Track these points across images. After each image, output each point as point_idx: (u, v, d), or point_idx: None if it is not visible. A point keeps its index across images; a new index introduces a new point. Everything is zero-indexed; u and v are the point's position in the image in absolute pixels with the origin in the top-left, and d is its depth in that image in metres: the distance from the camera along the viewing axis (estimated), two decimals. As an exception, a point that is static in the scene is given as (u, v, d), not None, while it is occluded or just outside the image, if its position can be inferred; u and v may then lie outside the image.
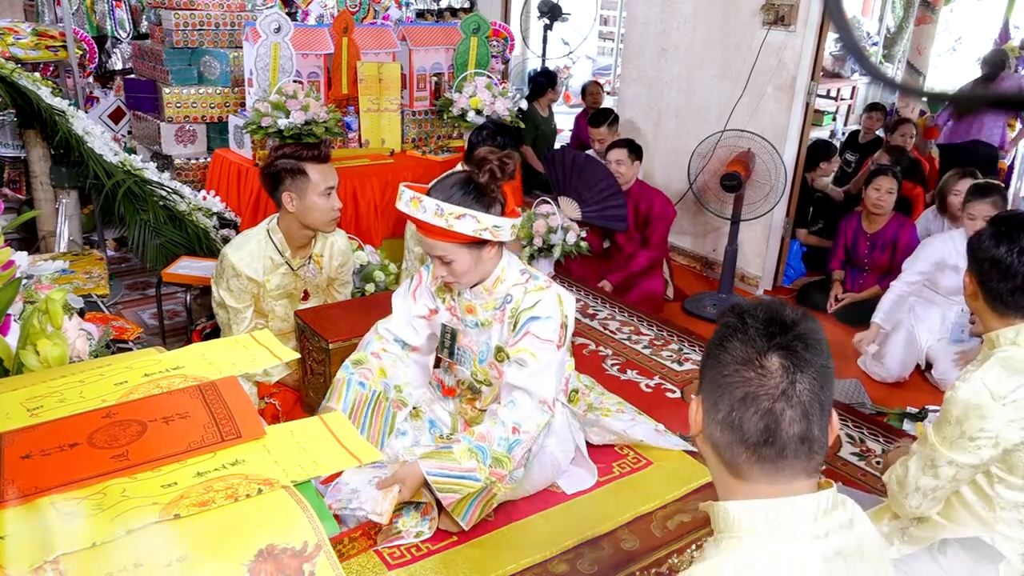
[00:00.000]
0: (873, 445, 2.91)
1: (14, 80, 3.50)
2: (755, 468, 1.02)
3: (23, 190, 4.18)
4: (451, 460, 2.00)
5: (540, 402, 2.09)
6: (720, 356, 1.04)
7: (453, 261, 2.05)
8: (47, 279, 2.19)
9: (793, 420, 1.00)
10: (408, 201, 2.01)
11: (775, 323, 1.02)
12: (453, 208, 1.97)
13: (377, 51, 4.18)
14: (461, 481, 1.99)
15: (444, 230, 1.98)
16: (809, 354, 1.01)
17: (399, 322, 2.34)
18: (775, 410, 0.99)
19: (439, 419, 2.36)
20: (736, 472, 1.04)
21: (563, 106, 9.09)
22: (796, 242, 4.67)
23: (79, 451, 0.95)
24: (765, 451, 1.00)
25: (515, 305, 2.14)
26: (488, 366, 2.22)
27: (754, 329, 1.02)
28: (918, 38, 6.29)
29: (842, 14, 0.70)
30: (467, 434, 2.07)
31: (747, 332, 1.02)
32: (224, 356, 1.19)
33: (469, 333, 2.23)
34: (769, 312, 1.04)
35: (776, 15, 4.11)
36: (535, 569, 2.05)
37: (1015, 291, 1.68)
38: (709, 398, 1.05)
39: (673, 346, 3.61)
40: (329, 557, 0.82)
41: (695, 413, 1.09)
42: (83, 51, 4.99)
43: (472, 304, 2.21)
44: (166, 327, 3.46)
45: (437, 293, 2.29)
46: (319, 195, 2.55)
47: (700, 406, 1.08)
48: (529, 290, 2.14)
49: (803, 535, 0.99)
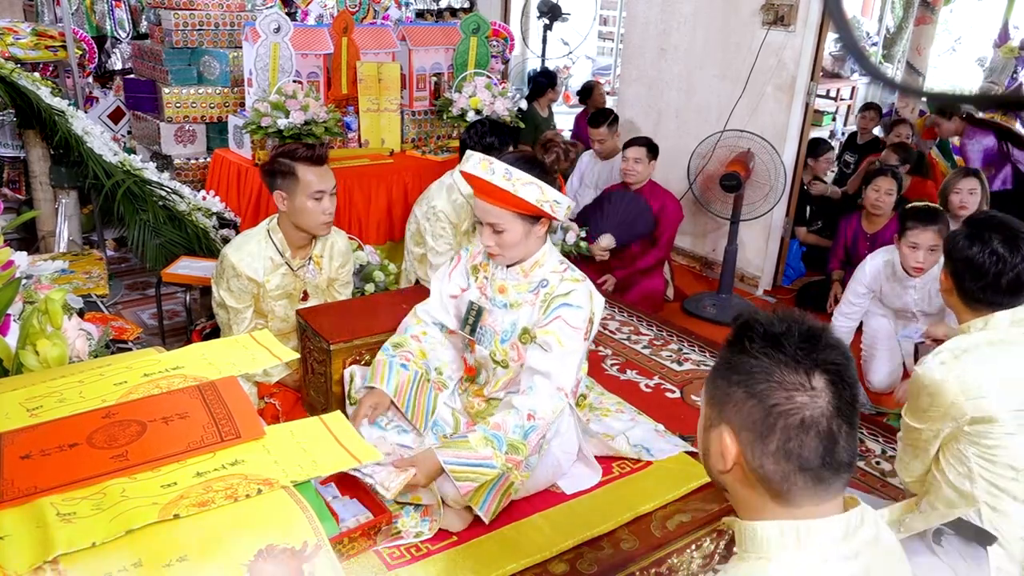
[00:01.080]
0: (873, 445, 2.91)
1: (14, 80, 3.50)
2: (807, 492, 0.98)
3: (23, 190, 4.18)
4: (467, 448, 2.01)
5: (557, 388, 2.10)
6: (759, 389, 0.98)
7: (505, 231, 2.10)
8: (47, 279, 2.19)
9: (848, 436, 0.98)
10: (477, 163, 2.07)
11: (810, 338, 0.99)
12: (521, 174, 2.04)
13: (377, 51, 4.18)
14: (477, 469, 2.00)
15: (509, 194, 2.04)
16: (844, 362, 0.99)
17: (436, 304, 2.37)
18: (833, 429, 0.96)
19: (441, 417, 2.36)
20: (782, 498, 0.99)
21: (563, 106, 9.09)
22: (796, 242, 4.68)
23: (79, 451, 0.95)
24: (824, 473, 0.97)
25: (549, 290, 2.18)
26: (510, 346, 2.24)
27: (793, 349, 0.98)
28: (918, 38, 6.29)
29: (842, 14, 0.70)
30: (483, 424, 2.08)
31: (787, 354, 0.98)
32: (224, 356, 1.19)
33: (495, 313, 2.25)
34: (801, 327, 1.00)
35: (776, 15, 4.11)
36: (535, 569, 2.05)
37: (986, 288, 1.83)
38: (751, 431, 0.99)
39: (673, 346, 3.61)
40: (329, 557, 0.82)
41: (728, 448, 1.01)
42: (83, 51, 4.99)
43: (505, 284, 2.24)
44: (166, 327, 3.46)
45: (472, 271, 2.32)
46: (308, 197, 2.52)
47: (734, 440, 1.01)
48: (565, 279, 2.19)
49: (833, 555, 0.97)
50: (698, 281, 4.66)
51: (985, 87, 6.79)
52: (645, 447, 2.46)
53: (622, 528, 2.19)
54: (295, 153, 2.55)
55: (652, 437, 2.55)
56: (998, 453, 1.76)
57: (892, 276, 3.22)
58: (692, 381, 3.32)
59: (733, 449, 1.01)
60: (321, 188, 2.54)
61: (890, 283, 3.25)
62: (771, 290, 4.51)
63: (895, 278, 3.21)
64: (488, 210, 2.10)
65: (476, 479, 2.01)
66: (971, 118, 5.01)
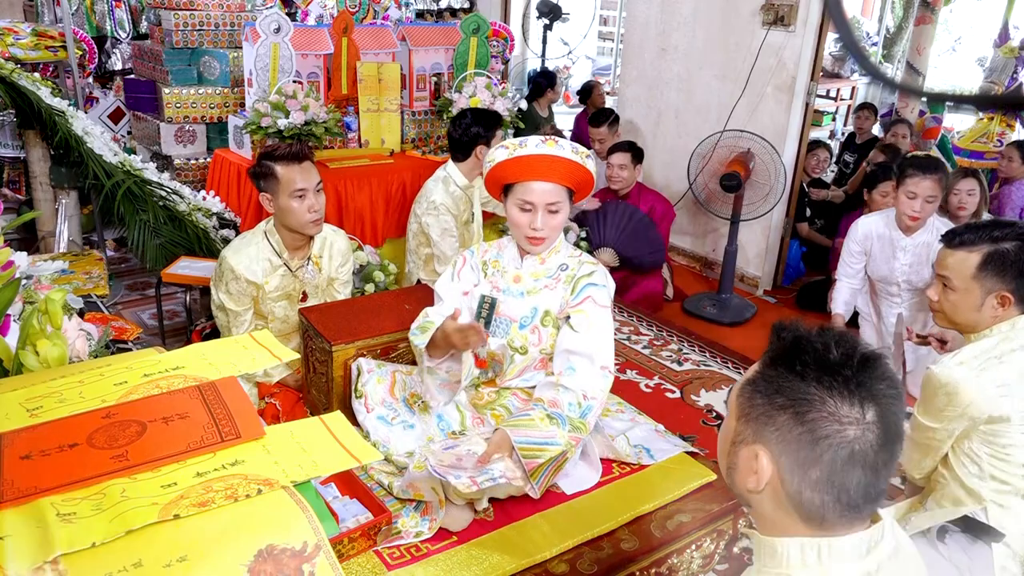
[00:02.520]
0: (873, 445, 2.91)
1: (14, 80, 3.50)
2: (841, 519, 0.96)
3: (23, 190, 4.18)
4: (533, 427, 2.05)
5: (601, 367, 2.14)
6: (807, 415, 0.94)
7: (560, 210, 2.16)
8: (47, 279, 2.19)
9: (888, 468, 0.96)
10: (541, 142, 2.10)
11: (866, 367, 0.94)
12: (582, 148, 2.12)
13: (377, 51, 4.18)
14: (543, 446, 2.03)
15: (579, 167, 2.11)
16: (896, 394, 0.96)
17: (451, 305, 2.34)
18: (878, 463, 0.94)
19: (446, 413, 2.36)
20: (814, 522, 0.97)
21: (563, 106, 9.09)
22: (796, 242, 4.68)
23: (79, 451, 0.95)
24: (864, 505, 0.96)
25: (571, 272, 2.24)
26: (530, 331, 2.26)
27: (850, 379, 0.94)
28: (918, 38, 6.28)
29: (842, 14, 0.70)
30: (537, 402, 2.11)
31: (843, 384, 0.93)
32: (224, 356, 1.19)
33: (510, 302, 2.27)
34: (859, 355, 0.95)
35: (776, 15, 4.11)
36: (535, 569, 2.05)
37: None
38: (793, 458, 0.95)
39: (672, 346, 3.61)
40: (328, 557, 0.82)
41: (764, 471, 0.98)
42: (83, 51, 4.99)
43: (520, 274, 2.27)
44: (166, 327, 3.46)
45: (482, 267, 2.34)
46: (290, 197, 2.50)
47: (771, 463, 0.97)
48: (584, 261, 2.25)
49: (853, 571, 0.96)
50: (698, 281, 4.65)
51: (985, 87, 6.79)
52: (645, 447, 2.46)
53: (622, 528, 2.19)
54: (274, 153, 2.53)
55: (652, 437, 2.55)
56: (1012, 452, 1.78)
57: (884, 236, 3.29)
58: (692, 381, 3.33)
59: (769, 471, 0.97)
60: (302, 186, 2.51)
61: (880, 243, 3.31)
62: (771, 290, 4.51)
63: (887, 239, 3.28)
64: (548, 190, 2.13)
65: (540, 456, 2.05)
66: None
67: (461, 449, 2.03)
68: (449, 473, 1.89)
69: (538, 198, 2.13)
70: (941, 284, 1.96)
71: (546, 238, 2.19)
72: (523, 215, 2.17)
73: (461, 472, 1.91)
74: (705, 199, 4.11)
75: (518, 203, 2.16)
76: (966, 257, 1.89)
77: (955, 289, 1.91)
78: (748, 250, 4.47)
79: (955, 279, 1.90)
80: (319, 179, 2.58)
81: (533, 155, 2.10)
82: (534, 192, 2.13)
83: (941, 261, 1.96)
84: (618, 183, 4.07)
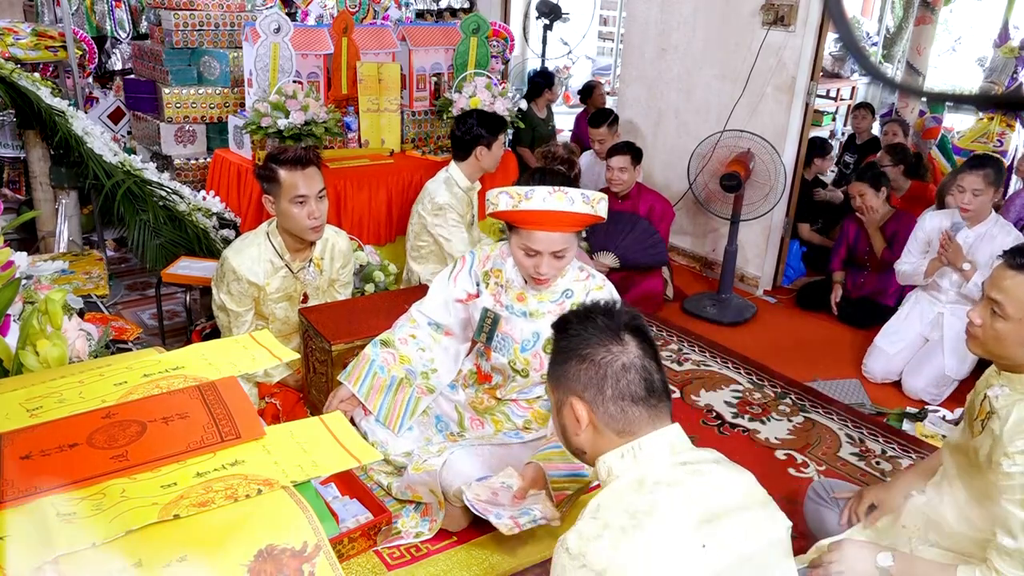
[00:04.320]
0: (873, 445, 2.91)
1: (14, 80, 3.50)
2: (643, 420, 1.25)
3: (23, 190, 4.18)
4: (563, 459, 2.01)
5: None
6: (585, 353, 1.26)
7: (566, 255, 2.10)
8: (47, 279, 2.19)
9: (657, 369, 1.27)
10: (549, 195, 1.98)
11: (609, 311, 1.30)
12: (594, 194, 2.04)
13: (377, 51, 4.18)
14: (573, 478, 2.02)
15: (589, 216, 2.02)
16: (639, 318, 1.31)
17: (434, 303, 2.35)
18: (646, 366, 1.25)
19: (445, 413, 2.36)
20: (626, 432, 1.25)
21: (563, 106, 9.08)
22: (796, 242, 4.67)
23: (79, 451, 0.95)
24: (651, 399, 1.25)
25: (575, 300, 2.18)
26: (531, 355, 2.23)
27: (602, 320, 1.28)
28: (918, 38, 6.28)
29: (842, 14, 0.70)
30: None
31: (598, 325, 1.28)
32: (224, 356, 1.19)
33: (513, 321, 2.23)
34: (601, 306, 1.32)
35: (776, 15, 4.11)
36: (535, 569, 2.05)
37: None
38: (592, 387, 1.25)
39: (673, 346, 3.61)
40: (328, 557, 0.82)
41: (580, 411, 1.26)
42: (83, 51, 4.99)
43: (524, 293, 2.22)
44: (166, 327, 3.46)
45: (483, 277, 2.29)
46: (290, 202, 2.49)
47: (582, 403, 1.26)
48: (591, 289, 2.20)
49: (667, 462, 1.23)
50: (698, 281, 4.65)
51: (985, 87, 6.78)
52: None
53: (622, 528, 2.19)
54: (279, 156, 2.52)
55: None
56: None
57: (945, 223, 3.33)
58: (692, 381, 3.32)
59: (583, 409, 1.26)
60: (304, 192, 2.48)
61: (943, 228, 3.33)
62: (771, 290, 4.51)
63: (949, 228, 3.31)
64: (555, 240, 2.03)
65: (569, 488, 2.02)
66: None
67: (495, 482, 1.98)
68: (489, 512, 1.86)
69: (544, 247, 2.04)
70: (990, 308, 1.65)
71: (555, 276, 2.13)
72: (527, 259, 2.09)
73: (502, 512, 1.87)
74: (705, 199, 4.11)
75: (522, 247, 2.08)
76: None
77: (1007, 317, 1.61)
78: (748, 250, 4.47)
79: (1010, 306, 1.60)
80: (322, 186, 2.55)
81: (540, 211, 1.99)
82: (540, 241, 2.04)
83: (996, 281, 1.64)
84: (618, 185, 4.07)
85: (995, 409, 1.67)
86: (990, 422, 1.68)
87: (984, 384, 1.76)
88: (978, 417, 1.74)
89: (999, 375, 1.71)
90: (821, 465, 2.77)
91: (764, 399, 3.22)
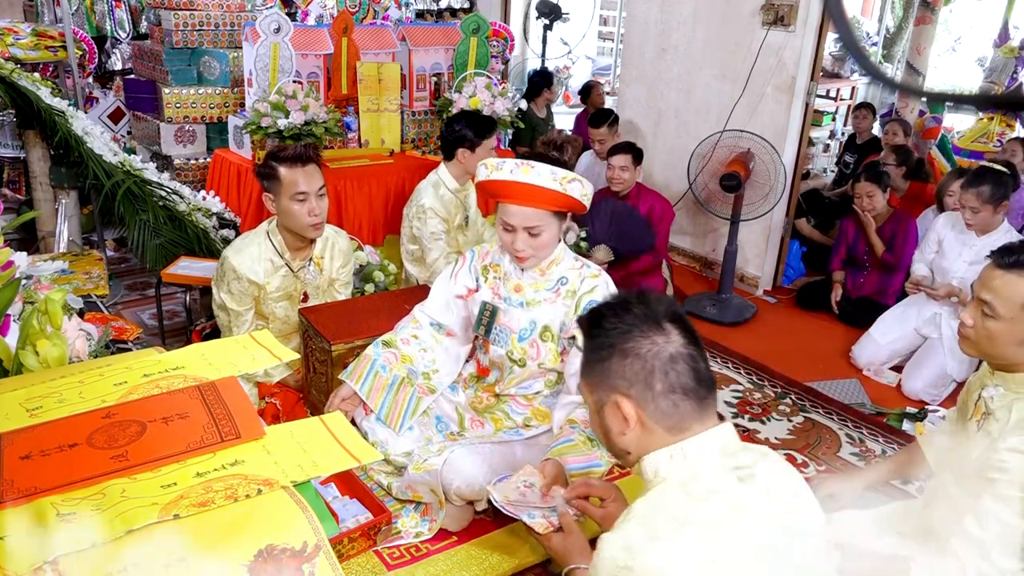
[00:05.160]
0: (873, 445, 2.91)
1: (14, 80, 3.50)
2: (694, 414, 1.18)
3: (23, 190, 4.18)
4: (578, 452, 2.02)
5: None
6: (628, 347, 1.18)
7: (543, 232, 2.10)
8: (47, 279, 2.19)
9: (703, 357, 1.20)
10: (516, 167, 2.03)
11: (643, 299, 1.22)
12: (565, 172, 2.04)
13: (377, 51, 4.17)
14: (589, 469, 2.01)
15: (558, 194, 2.03)
16: (676, 306, 1.24)
17: (436, 303, 2.36)
18: (693, 355, 1.19)
19: (445, 414, 2.36)
20: (677, 428, 1.18)
21: (563, 106, 9.08)
22: (796, 242, 4.67)
23: (79, 451, 0.94)
24: (701, 390, 1.18)
25: (571, 287, 2.19)
26: (528, 344, 2.23)
27: (640, 313, 1.20)
28: (918, 38, 6.28)
29: (842, 14, 0.70)
30: (572, 424, 2.08)
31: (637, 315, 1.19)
32: (224, 356, 1.19)
33: (511, 312, 2.24)
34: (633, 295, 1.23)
35: (776, 15, 4.11)
36: (535, 569, 2.05)
37: None
38: (639, 383, 1.18)
39: (673, 346, 3.61)
40: (328, 557, 0.82)
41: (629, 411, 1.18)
42: (83, 51, 4.99)
43: (521, 283, 2.23)
44: (166, 327, 3.46)
45: (482, 272, 2.31)
46: (291, 199, 2.50)
47: (629, 401, 1.18)
48: (585, 276, 2.20)
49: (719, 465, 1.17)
50: (698, 281, 4.65)
51: (985, 87, 6.79)
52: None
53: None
54: (279, 154, 2.53)
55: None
56: None
57: (960, 231, 3.42)
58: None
59: (630, 407, 1.19)
60: (304, 190, 2.50)
61: (955, 234, 3.44)
62: (771, 290, 4.51)
63: (962, 235, 3.41)
64: (527, 214, 2.07)
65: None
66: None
67: (517, 480, 1.97)
68: (522, 512, 1.85)
69: (517, 221, 2.09)
70: (980, 308, 1.65)
71: (530, 257, 2.15)
72: (506, 234, 2.14)
73: (535, 511, 1.87)
74: (705, 199, 4.11)
75: (502, 222, 2.13)
76: (1019, 282, 1.59)
77: (997, 316, 1.61)
78: (748, 250, 4.47)
79: (1000, 305, 1.61)
80: (322, 183, 2.56)
81: (507, 181, 2.05)
82: (513, 215, 2.09)
83: (986, 282, 1.64)
84: (619, 184, 4.07)
85: (991, 410, 1.67)
86: (986, 423, 1.67)
87: (978, 384, 1.75)
88: (972, 417, 1.73)
89: (993, 375, 1.70)
90: (821, 465, 2.77)
91: (764, 399, 3.22)
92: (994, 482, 1.57)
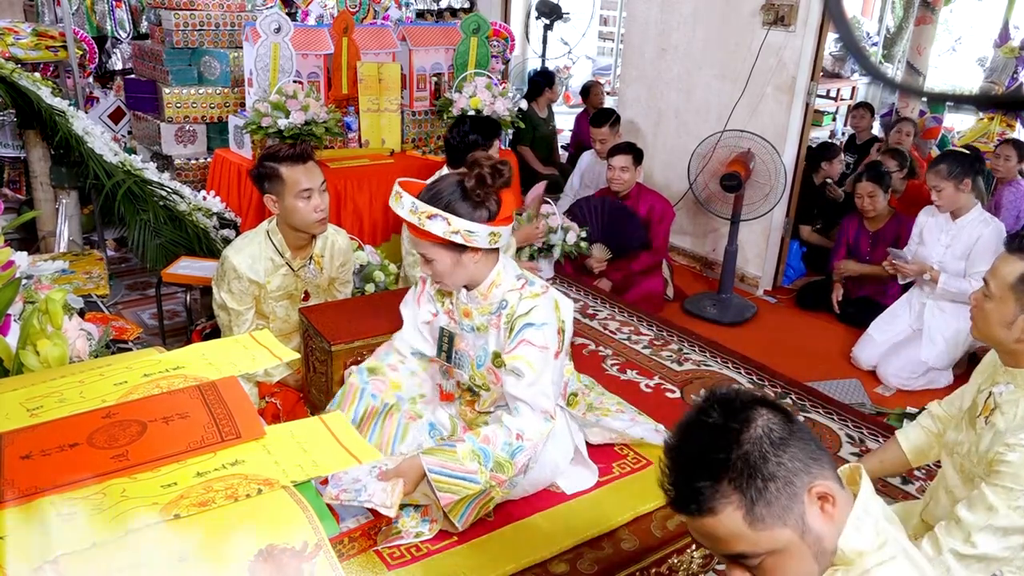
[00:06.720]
0: (873, 445, 2.91)
1: (14, 80, 3.50)
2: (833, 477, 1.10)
3: (23, 190, 4.18)
4: (454, 460, 1.99)
5: (542, 412, 2.08)
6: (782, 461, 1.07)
7: (434, 260, 2.05)
8: (47, 279, 2.19)
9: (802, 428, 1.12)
10: (393, 196, 2.03)
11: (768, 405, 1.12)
12: (426, 208, 1.96)
13: (377, 51, 4.18)
14: (461, 482, 1.98)
15: (417, 228, 1.98)
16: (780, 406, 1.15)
17: (411, 331, 2.33)
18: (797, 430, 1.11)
19: (439, 422, 2.35)
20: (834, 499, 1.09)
21: (563, 106, 9.08)
22: (796, 242, 4.67)
23: (79, 451, 0.94)
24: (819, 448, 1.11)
25: (510, 311, 2.11)
26: (486, 371, 2.21)
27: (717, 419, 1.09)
28: (918, 38, 6.28)
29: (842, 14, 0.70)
30: (472, 435, 2.06)
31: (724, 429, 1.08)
32: (224, 356, 1.19)
33: (466, 337, 2.22)
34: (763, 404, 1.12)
35: (776, 15, 4.11)
36: (535, 569, 2.05)
37: None
38: (800, 476, 1.06)
39: (673, 346, 3.61)
40: (329, 557, 0.82)
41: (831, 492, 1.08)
42: (83, 51, 4.99)
43: (468, 308, 2.19)
44: (166, 327, 3.46)
45: (437, 296, 2.28)
46: (296, 197, 2.51)
47: (820, 483, 1.08)
48: (524, 296, 2.11)
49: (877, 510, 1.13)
50: (698, 281, 4.65)
51: (985, 87, 6.78)
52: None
53: (622, 528, 2.19)
54: (277, 154, 2.53)
55: (652, 437, 2.55)
56: None
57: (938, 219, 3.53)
58: (692, 381, 3.32)
59: (832, 487, 1.09)
60: (308, 186, 2.51)
61: (935, 222, 3.54)
62: (771, 290, 4.51)
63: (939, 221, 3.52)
64: (415, 241, 2.07)
65: (458, 492, 1.99)
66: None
67: (364, 467, 1.98)
68: (359, 498, 1.91)
69: (413, 243, 2.10)
70: (983, 289, 1.74)
71: (439, 281, 2.11)
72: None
73: (372, 489, 1.92)
74: (705, 199, 4.11)
75: None
76: (1015, 264, 1.66)
77: (991, 296, 1.69)
78: (748, 250, 4.47)
79: (994, 284, 1.69)
80: (323, 178, 2.59)
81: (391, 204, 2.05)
82: (410, 238, 2.11)
83: (993, 265, 1.73)
84: (619, 185, 4.08)
85: (998, 404, 1.72)
86: (992, 417, 1.72)
87: (989, 382, 1.79)
88: (981, 414, 1.76)
89: (1004, 371, 1.75)
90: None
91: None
92: (996, 474, 1.60)
